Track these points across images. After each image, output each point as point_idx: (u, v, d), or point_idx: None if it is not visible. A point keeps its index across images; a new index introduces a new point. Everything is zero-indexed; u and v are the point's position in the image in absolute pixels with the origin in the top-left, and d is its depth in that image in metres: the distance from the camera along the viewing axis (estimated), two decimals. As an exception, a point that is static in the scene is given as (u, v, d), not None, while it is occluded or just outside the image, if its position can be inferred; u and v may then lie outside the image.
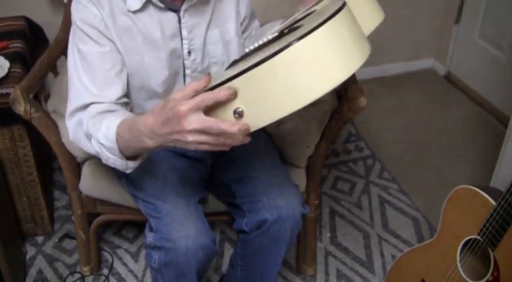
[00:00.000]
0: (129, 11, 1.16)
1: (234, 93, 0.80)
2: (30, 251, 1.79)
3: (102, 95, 1.14)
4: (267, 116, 0.80)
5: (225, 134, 0.83)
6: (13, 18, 1.88)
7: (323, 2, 1.04)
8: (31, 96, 1.35)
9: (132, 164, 1.05)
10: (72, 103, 1.15)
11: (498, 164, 1.68)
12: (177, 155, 1.34)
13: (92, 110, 1.11)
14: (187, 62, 1.25)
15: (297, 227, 1.29)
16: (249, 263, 1.36)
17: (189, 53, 1.23)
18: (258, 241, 1.29)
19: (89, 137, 1.08)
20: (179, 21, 1.20)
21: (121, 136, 0.99)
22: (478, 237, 1.24)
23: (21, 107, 1.31)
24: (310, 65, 0.78)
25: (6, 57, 1.66)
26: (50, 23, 1.92)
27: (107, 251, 1.79)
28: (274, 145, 1.47)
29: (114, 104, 1.15)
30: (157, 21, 1.18)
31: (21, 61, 1.69)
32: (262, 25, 1.41)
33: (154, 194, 1.26)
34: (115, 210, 1.53)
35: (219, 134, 0.83)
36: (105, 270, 1.73)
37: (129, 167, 1.05)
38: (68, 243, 1.82)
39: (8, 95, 1.36)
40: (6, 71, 1.61)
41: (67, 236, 1.84)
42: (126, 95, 1.20)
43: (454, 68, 2.70)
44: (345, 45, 0.81)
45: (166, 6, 1.17)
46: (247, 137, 0.84)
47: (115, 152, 1.02)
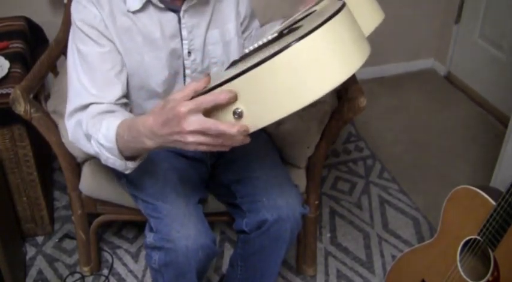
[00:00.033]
0: (129, 11, 1.16)
1: (234, 97, 0.81)
2: (30, 251, 1.79)
3: (101, 96, 1.14)
4: (267, 117, 0.80)
5: (224, 135, 0.83)
6: (13, 18, 1.88)
7: (323, 2, 1.04)
8: (31, 96, 1.35)
9: (131, 165, 1.05)
10: (71, 103, 1.15)
11: (498, 164, 1.68)
12: (177, 155, 1.34)
13: (92, 111, 1.11)
14: (187, 62, 1.25)
15: (297, 227, 1.29)
16: (249, 263, 1.36)
17: (189, 53, 1.23)
18: (258, 241, 1.29)
19: (88, 137, 1.08)
20: (179, 21, 1.20)
21: (120, 136, 1.00)
22: (478, 237, 1.24)
23: (21, 107, 1.31)
24: (309, 65, 0.78)
25: (6, 57, 1.66)
26: (50, 23, 1.92)
27: (107, 251, 1.79)
28: (274, 145, 1.47)
29: (114, 105, 1.15)
30: (157, 21, 1.18)
31: (21, 61, 1.69)
32: (262, 25, 1.41)
33: (155, 194, 1.26)
34: (115, 210, 1.53)
35: (218, 135, 0.83)
36: (105, 271, 1.73)
37: (129, 167, 1.05)
38: (68, 244, 1.82)
39: (8, 95, 1.36)
40: (6, 71, 1.61)
41: (67, 236, 1.84)
42: (125, 96, 1.20)
43: (454, 68, 2.70)
44: (344, 46, 0.81)
45: (166, 6, 1.17)
46: (246, 137, 0.84)
47: (114, 152, 1.02)
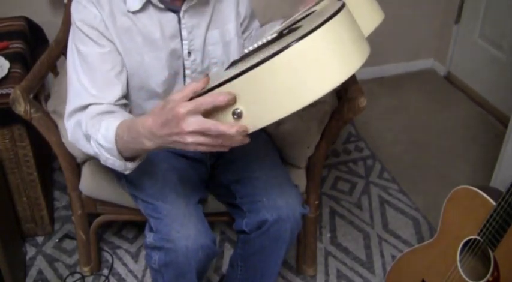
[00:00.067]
0: (129, 12, 1.16)
1: (233, 99, 0.81)
2: (30, 251, 1.79)
3: (101, 96, 1.14)
4: (267, 117, 0.80)
5: (224, 135, 0.83)
6: (13, 19, 1.88)
7: (323, 2, 1.04)
8: (31, 96, 1.35)
9: (130, 165, 1.05)
10: (71, 104, 1.15)
11: (498, 164, 1.68)
12: (177, 155, 1.34)
13: (91, 111, 1.11)
14: (187, 63, 1.25)
15: (297, 227, 1.29)
16: (249, 263, 1.36)
17: (189, 53, 1.23)
18: (258, 241, 1.29)
19: (87, 137, 1.08)
20: (179, 21, 1.20)
21: (120, 137, 1.00)
22: (478, 237, 1.24)
23: (21, 107, 1.31)
24: (309, 65, 0.78)
25: (6, 58, 1.66)
26: (50, 23, 1.92)
27: (107, 252, 1.79)
28: (274, 145, 1.47)
29: (113, 105, 1.15)
30: (157, 21, 1.18)
31: (21, 61, 1.69)
32: (262, 25, 1.41)
33: (154, 194, 1.26)
34: (115, 210, 1.53)
35: (218, 135, 0.84)
36: (105, 271, 1.73)
37: (128, 168, 1.05)
38: (68, 244, 1.82)
39: (8, 95, 1.36)
40: (6, 71, 1.61)
41: (67, 236, 1.84)
42: (125, 96, 1.20)
43: (454, 68, 2.70)
44: (344, 46, 0.81)
45: (166, 6, 1.17)
46: (246, 137, 0.84)
47: (114, 153, 1.02)
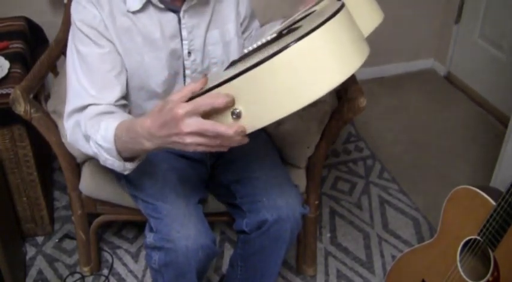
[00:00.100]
0: (128, 12, 1.16)
1: (231, 101, 0.81)
2: (30, 251, 1.79)
3: (100, 97, 1.14)
4: (266, 117, 0.80)
5: (222, 136, 0.83)
6: (13, 19, 1.88)
7: (323, 2, 1.04)
8: (31, 96, 1.35)
9: (129, 166, 1.05)
10: (70, 104, 1.15)
11: (498, 164, 1.68)
12: (177, 155, 1.34)
13: (90, 111, 1.11)
14: (187, 63, 1.25)
15: (297, 227, 1.29)
16: (249, 263, 1.36)
17: (189, 53, 1.23)
18: (258, 241, 1.29)
19: (87, 138, 1.08)
20: (179, 21, 1.20)
21: (119, 138, 1.00)
22: (478, 237, 1.24)
23: (21, 107, 1.31)
24: (308, 66, 0.78)
25: (6, 58, 1.66)
26: (50, 23, 1.92)
27: (107, 252, 1.79)
28: (274, 145, 1.47)
29: (113, 106, 1.15)
30: (157, 21, 1.18)
31: (21, 61, 1.69)
32: (262, 25, 1.41)
33: (154, 194, 1.26)
34: (115, 210, 1.53)
35: (216, 136, 0.84)
36: (105, 271, 1.73)
37: (127, 168, 1.05)
38: (68, 244, 1.82)
39: (8, 95, 1.36)
40: (6, 71, 1.61)
41: (67, 236, 1.84)
42: (124, 97, 1.20)
43: (454, 68, 2.70)
44: (343, 47, 0.81)
45: (166, 6, 1.17)
46: (244, 138, 0.84)
47: (113, 153, 1.02)
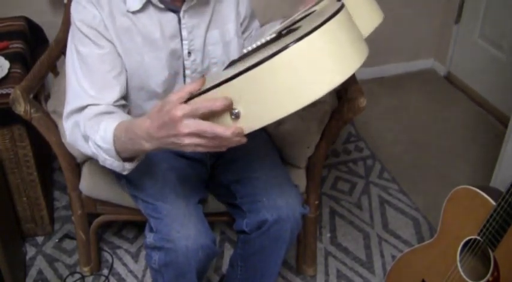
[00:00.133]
0: (128, 12, 1.16)
1: (229, 104, 0.81)
2: (30, 251, 1.79)
3: (100, 97, 1.14)
4: (266, 117, 0.80)
5: (220, 137, 0.84)
6: (13, 19, 1.88)
7: (323, 2, 1.04)
8: (31, 96, 1.35)
9: (128, 166, 1.05)
10: (69, 104, 1.15)
11: (498, 164, 1.68)
12: (177, 156, 1.34)
13: (89, 112, 1.11)
14: (187, 63, 1.25)
15: (297, 227, 1.29)
16: (249, 263, 1.36)
17: (189, 53, 1.23)
18: (258, 241, 1.29)
19: (86, 138, 1.08)
20: (179, 21, 1.20)
21: (118, 138, 1.00)
22: (478, 237, 1.24)
23: (21, 107, 1.31)
24: (308, 66, 0.78)
25: (6, 58, 1.66)
26: (50, 23, 1.92)
27: (107, 252, 1.79)
28: (274, 145, 1.47)
29: (112, 106, 1.15)
30: (157, 21, 1.18)
31: (21, 61, 1.69)
32: (262, 25, 1.41)
33: (154, 194, 1.26)
34: (115, 210, 1.53)
35: (214, 137, 0.84)
36: (105, 271, 1.73)
37: (126, 168, 1.06)
38: (68, 244, 1.82)
39: (8, 95, 1.36)
40: (6, 71, 1.61)
41: (67, 236, 1.84)
42: (124, 97, 1.20)
43: (454, 68, 2.70)
44: (342, 47, 0.81)
45: (166, 6, 1.17)
46: (243, 138, 0.84)
47: (112, 153, 1.02)
